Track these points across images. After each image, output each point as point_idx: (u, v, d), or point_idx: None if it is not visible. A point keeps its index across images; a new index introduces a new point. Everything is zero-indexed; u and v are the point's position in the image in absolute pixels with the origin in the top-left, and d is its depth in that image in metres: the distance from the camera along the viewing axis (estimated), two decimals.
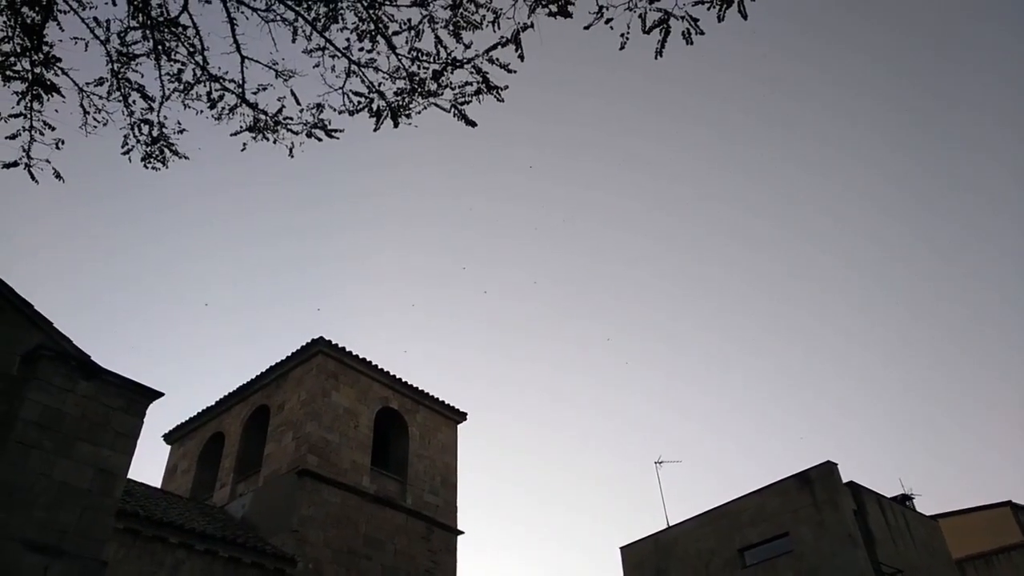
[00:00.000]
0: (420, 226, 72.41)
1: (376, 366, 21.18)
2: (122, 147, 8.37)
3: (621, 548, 21.68)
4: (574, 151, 74.54)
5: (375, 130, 8.02)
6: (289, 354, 20.29)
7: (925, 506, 21.27)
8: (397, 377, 21.70)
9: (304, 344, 20.05)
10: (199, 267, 68.97)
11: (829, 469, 18.14)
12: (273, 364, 20.58)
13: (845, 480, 18.20)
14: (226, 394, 21.33)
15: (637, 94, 75.42)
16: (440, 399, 22.98)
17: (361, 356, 20.80)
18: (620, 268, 76.23)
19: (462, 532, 22.32)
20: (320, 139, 8.26)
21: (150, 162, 8.48)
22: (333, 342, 20.14)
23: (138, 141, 8.34)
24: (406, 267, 73.88)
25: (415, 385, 22.22)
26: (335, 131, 8.22)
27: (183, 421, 22.34)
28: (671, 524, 21.01)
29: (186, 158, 8.69)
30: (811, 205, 71.07)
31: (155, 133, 8.32)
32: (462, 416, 23.65)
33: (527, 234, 75.53)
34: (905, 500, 20.31)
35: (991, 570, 23.01)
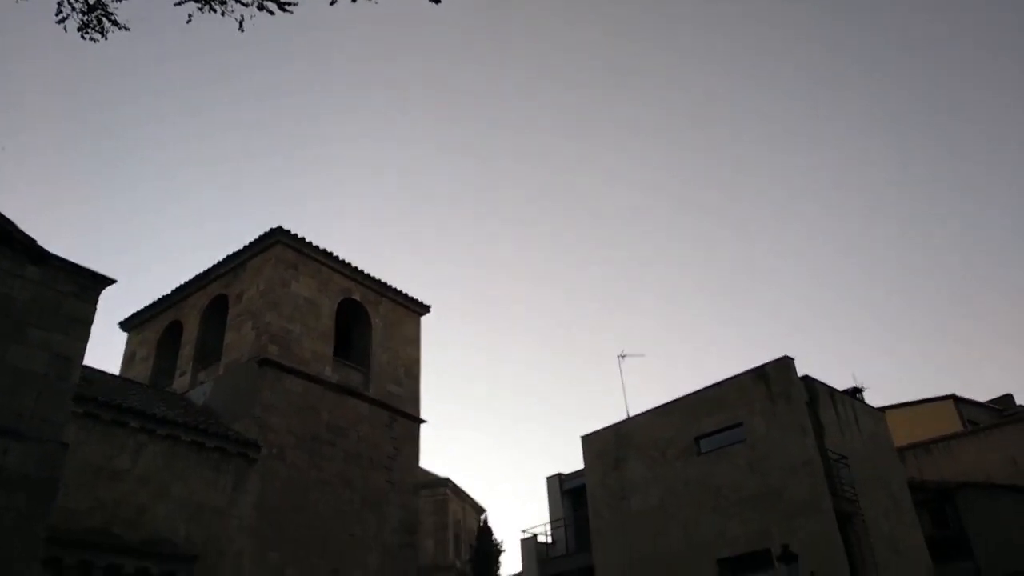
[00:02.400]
0: (388, 113, 70.05)
1: (337, 257, 20.79)
2: (56, 14, 7.61)
3: (582, 437, 22.30)
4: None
5: (332, 3, 7.37)
6: (246, 243, 19.75)
7: (875, 399, 22.19)
8: (359, 268, 21.37)
9: (262, 233, 19.50)
10: (153, 154, 66.29)
11: (786, 364, 18.62)
12: (230, 253, 20.05)
13: (800, 374, 18.73)
14: (183, 283, 20.84)
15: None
16: (403, 291, 22.80)
17: (321, 247, 20.35)
18: (589, 161, 75.38)
19: (424, 421, 22.69)
20: (272, 12, 7.56)
21: (87, 32, 7.76)
22: (292, 232, 19.61)
23: (73, 9, 7.57)
24: (371, 157, 71.94)
25: (377, 277, 21.95)
26: (288, 4, 7.53)
27: (140, 309, 21.91)
28: (632, 415, 21.61)
29: (127, 29, 7.95)
30: (775, 103, 70.34)
31: (91, 0, 7.54)
32: (425, 308, 23.57)
33: (497, 125, 73.78)
34: (856, 393, 21.08)
35: (929, 457, 24.40)
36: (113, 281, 12.28)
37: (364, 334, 22.01)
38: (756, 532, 17.42)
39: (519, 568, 22.89)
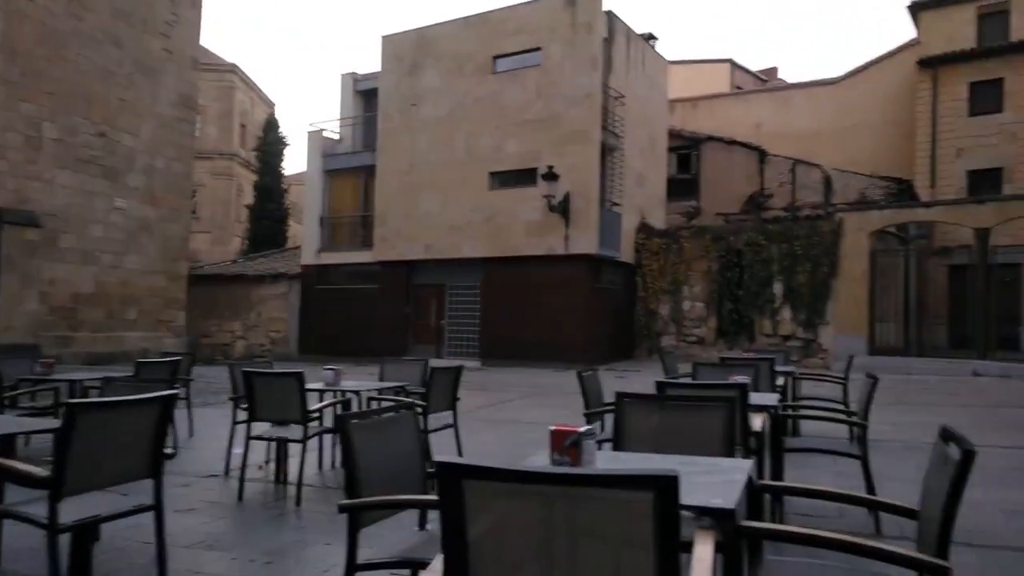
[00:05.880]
0: None
1: None
2: None
3: (383, 37, 21.55)
4: None
5: None
6: None
7: (665, 51, 23.24)
8: None
9: None
10: None
11: None
12: None
13: (606, 8, 18.91)
14: None
15: None
16: None
17: None
18: None
19: None
20: None
21: None
22: None
23: None
24: None
25: None
26: None
27: None
28: (437, 23, 20.96)
29: None
30: None
31: None
32: None
33: None
34: (650, 38, 21.92)
35: (694, 111, 27.05)
36: None
37: None
38: (529, 152, 18.94)
39: (305, 165, 23.32)
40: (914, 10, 23.67)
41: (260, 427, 5.57)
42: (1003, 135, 21.43)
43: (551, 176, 18.20)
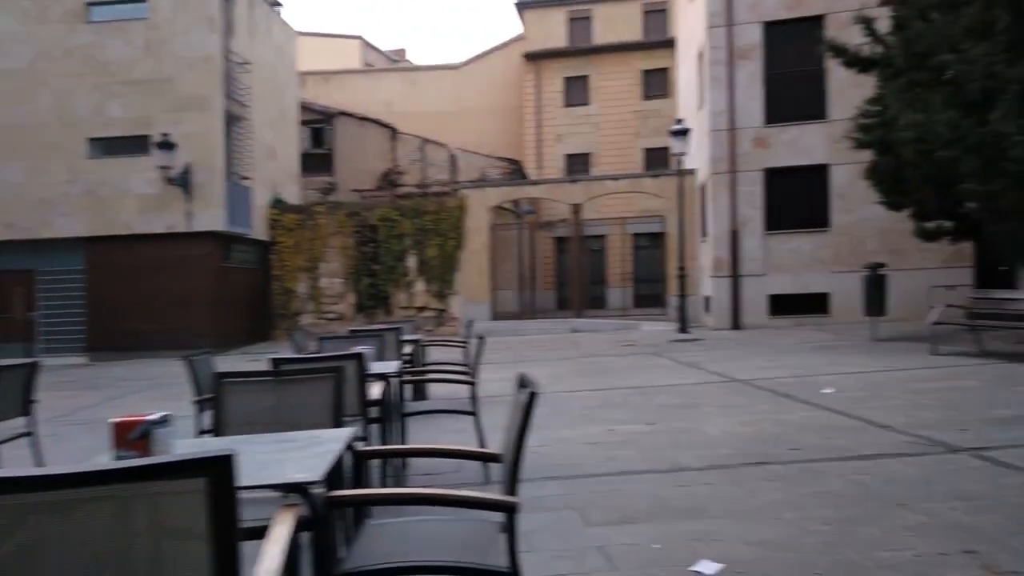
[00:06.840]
0: None
1: None
2: None
3: None
4: None
5: None
6: None
7: (292, 21, 22.40)
8: None
9: None
10: None
11: None
12: None
13: None
14: None
15: None
16: None
17: None
18: None
19: None
20: None
21: None
22: None
23: None
24: None
25: None
26: None
27: None
28: None
29: None
30: None
31: None
32: None
33: None
34: (275, 5, 20.95)
35: (326, 85, 26.70)
36: None
37: None
38: (138, 117, 16.81)
39: None
40: (520, 8, 26.36)
41: None
42: (590, 125, 25.14)
43: (167, 145, 16.41)
